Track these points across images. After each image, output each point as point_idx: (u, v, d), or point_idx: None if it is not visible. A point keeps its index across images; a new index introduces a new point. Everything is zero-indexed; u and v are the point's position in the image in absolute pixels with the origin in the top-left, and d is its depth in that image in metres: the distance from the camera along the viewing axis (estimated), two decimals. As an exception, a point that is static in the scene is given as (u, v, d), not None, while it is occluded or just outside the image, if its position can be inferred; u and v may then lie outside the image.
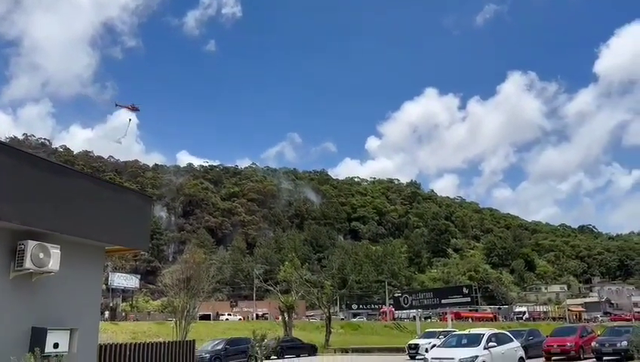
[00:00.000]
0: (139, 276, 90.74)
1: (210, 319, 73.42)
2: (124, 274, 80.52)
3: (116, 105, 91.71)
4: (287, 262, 56.56)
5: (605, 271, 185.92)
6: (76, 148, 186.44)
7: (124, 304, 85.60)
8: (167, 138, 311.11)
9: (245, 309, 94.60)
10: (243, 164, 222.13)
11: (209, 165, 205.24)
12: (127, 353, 10.25)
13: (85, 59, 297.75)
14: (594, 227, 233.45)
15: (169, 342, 11.80)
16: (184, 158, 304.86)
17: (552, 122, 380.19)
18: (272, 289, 59.62)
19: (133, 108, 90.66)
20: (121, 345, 10.43)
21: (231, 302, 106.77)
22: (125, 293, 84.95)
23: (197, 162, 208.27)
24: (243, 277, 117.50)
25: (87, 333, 8.52)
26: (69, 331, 8.07)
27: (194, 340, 12.67)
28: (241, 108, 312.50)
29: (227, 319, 78.24)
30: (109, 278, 72.17)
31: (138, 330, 50.56)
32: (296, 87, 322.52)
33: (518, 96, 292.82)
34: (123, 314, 74.16)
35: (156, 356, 10.79)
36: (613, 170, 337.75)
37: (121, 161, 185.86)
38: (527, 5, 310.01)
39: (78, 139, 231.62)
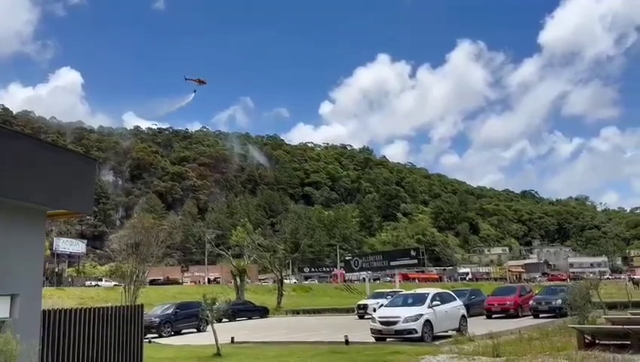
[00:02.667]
0: (85, 241, 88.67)
1: (160, 284, 72.98)
2: (69, 239, 78.45)
3: (185, 79, 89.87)
4: (239, 227, 56.54)
5: (545, 234, 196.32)
6: (16, 108, 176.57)
7: (71, 269, 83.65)
8: (113, 99, 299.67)
9: (197, 274, 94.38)
10: (193, 127, 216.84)
11: (158, 128, 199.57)
12: (73, 318, 10.06)
13: (25, 15, 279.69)
14: (536, 192, 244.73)
15: (116, 306, 11.64)
16: (131, 120, 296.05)
17: (496, 91, 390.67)
18: (224, 253, 59.65)
19: (201, 82, 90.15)
20: (65, 310, 10.20)
21: (182, 266, 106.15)
22: (71, 258, 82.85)
23: (145, 125, 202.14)
24: (194, 242, 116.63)
25: (29, 299, 8.33)
26: (9, 297, 7.88)
27: (142, 304, 12.55)
28: (191, 70, 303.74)
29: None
30: (54, 243, 70.07)
31: (85, 296, 49.79)
32: (247, 50, 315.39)
33: (466, 66, 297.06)
34: (69, 279, 72.60)
35: (103, 321, 10.64)
36: (555, 138, 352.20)
37: (64, 122, 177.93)
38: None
39: (17, 98, 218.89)
